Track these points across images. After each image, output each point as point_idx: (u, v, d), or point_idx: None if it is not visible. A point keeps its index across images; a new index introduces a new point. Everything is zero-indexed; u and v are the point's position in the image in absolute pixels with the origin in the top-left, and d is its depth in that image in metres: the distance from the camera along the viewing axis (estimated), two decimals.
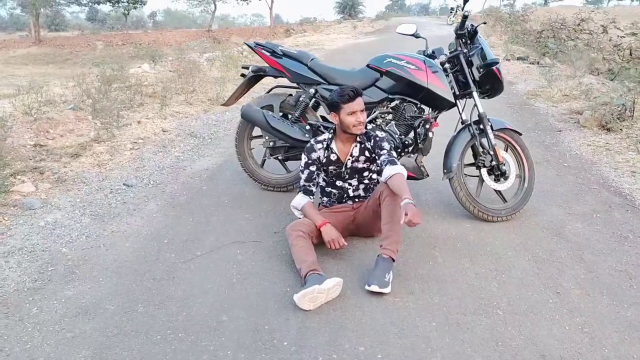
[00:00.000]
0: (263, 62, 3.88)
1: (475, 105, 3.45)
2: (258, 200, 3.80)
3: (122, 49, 25.53)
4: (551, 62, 11.11)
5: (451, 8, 27.91)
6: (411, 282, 2.71)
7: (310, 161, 3.03)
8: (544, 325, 2.36)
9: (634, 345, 2.24)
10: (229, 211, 3.61)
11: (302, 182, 3.06)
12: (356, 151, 3.03)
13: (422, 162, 3.54)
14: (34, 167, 4.17)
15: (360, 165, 3.06)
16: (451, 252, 3.04)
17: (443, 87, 3.40)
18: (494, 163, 3.45)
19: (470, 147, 3.52)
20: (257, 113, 3.62)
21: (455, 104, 3.51)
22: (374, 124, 3.52)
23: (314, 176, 3.06)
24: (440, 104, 3.50)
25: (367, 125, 3.31)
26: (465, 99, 3.58)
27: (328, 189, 3.16)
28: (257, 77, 3.92)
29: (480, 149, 3.47)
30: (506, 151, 3.58)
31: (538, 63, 11.41)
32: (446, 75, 3.48)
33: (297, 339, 2.24)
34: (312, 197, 3.07)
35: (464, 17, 3.40)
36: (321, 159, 3.04)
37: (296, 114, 3.72)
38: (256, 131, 3.94)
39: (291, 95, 3.84)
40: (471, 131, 3.46)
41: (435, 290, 2.64)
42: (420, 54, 3.59)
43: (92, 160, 4.54)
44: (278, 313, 2.43)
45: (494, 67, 3.39)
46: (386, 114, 3.56)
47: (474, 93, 3.44)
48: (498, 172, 3.47)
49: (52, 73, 18.55)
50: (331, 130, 3.08)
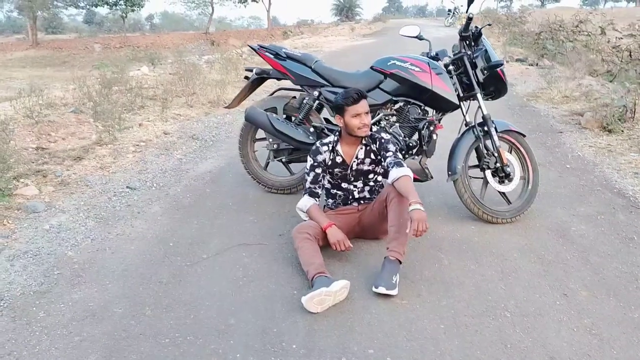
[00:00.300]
0: (265, 64, 3.88)
1: (479, 107, 3.45)
2: (262, 202, 3.80)
3: (120, 52, 25.42)
4: (550, 64, 11.12)
5: (449, 10, 27.94)
6: (418, 285, 2.71)
7: (315, 163, 3.03)
8: (552, 327, 2.36)
9: None
10: (233, 214, 3.60)
11: (308, 185, 3.06)
12: (361, 153, 3.03)
13: (426, 164, 3.54)
14: (37, 170, 4.16)
15: (365, 167, 3.06)
16: (457, 254, 3.04)
17: (447, 89, 3.41)
18: (498, 165, 3.44)
19: (474, 149, 3.52)
20: (261, 115, 3.62)
21: (459, 106, 3.51)
22: (379, 126, 3.52)
23: (320, 178, 3.06)
24: (444, 106, 3.50)
25: (372, 127, 3.31)
26: (469, 101, 3.59)
27: (333, 191, 3.16)
28: (261, 80, 3.91)
29: (484, 151, 3.48)
30: (510, 153, 3.58)
31: (537, 64, 11.42)
32: (450, 77, 3.48)
33: (306, 342, 2.24)
34: (318, 200, 3.07)
35: (469, 19, 3.40)
36: (327, 162, 3.04)
37: (300, 117, 3.72)
38: (260, 134, 3.94)
39: (294, 97, 3.84)
40: (475, 133, 3.46)
41: (442, 292, 2.64)
42: (424, 56, 3.60)
43: (95, 163, 4.54)
44: (286, 316, 2.43)
45: (498, 69, 3.39)
46: (390, 116, 3.56)
47: (478, 95, 3.44)
48: (502, 174, 3.47)
49: (50, 76, 18.50)
50: (337, 132, 3.08)
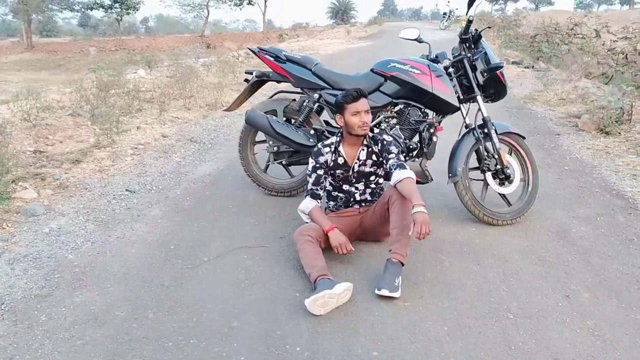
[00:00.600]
0: (263, 67, 3.88)
1: (479, 109, 3.46)
2: (262, 205, 3.79)
3: (115, 55, 25.39)
4: (546, 66, 11.18)
5: (444, 13, 28.06)
6: (420, 286, 2.71)
7: (317, 165, 3.03)
8: (555, 328, 2.37)
9: None
10: (234, 216, 3.59)
11: (310, 186, 3.05)
12: (363, 155, 3.03)
13: (427, 166, 3.55)
14: (35, 174, 4.14)
15: (367, 169, 3.06)
16: (458, 256, 3.04)
17: (448, 92, 3.41)
18: (499, 167, 3.45)
19: (474, 151, 3.53)
20: (262, 118, 3.62)
21: (459, 108, 3.51)
22: (380, 129, 3.52)
23: (322, 180, 3.05)
24: (444, 108, 3.51)
25: (374, 129, 3.31)
26: (469, 103, 3.59)
27: (335, 193, 3.16)
28: (260, 82, 3.91)
29: (484, 153, 3.48)
30: (510, 155, 3.59)
31: (533, 67, 11.48)
32: (450, 79, 3.48)
33: (310, 345, 2.23)
34: (320, 201, 3.07)
35: (469, 22, 3.41)
36: (328, 163, 3.04)
37: (300, 119, 3.71)
38: (259, 136, 3.93)
39: (294, 100, 3.84)
40: (475, 135, 3.46)
41: (444, 294, 2.64)
42: (424, 59, 3.60)
43: (94, 166, 4.52)
44: (289, 318, 2.42)
45: (498, 71, 3.40)
46: (390, 119, 3.57)
47: (478, 97, 3.44)
48: (502, 176, 3.48)
49: (46, 79, 18.45)
50: (338, 133, 3.08)
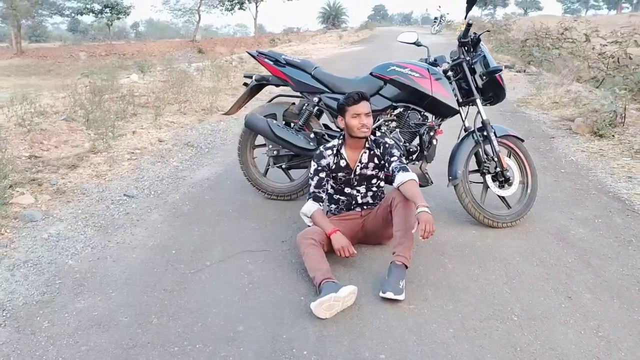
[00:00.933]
0: (261, 71, 3.88)
1: (478, 112, 3.48)
2: (262, 209, 3.78)
3: (106, 60, 25.23)
4: (537, 70, 11.27)
5: (435, 18, 28.24)
6: (423, 289, 2.71)
7: (320, 168, 3.03)
8: (559, 329, 2.38)
9: None
10: (234, 221, 3.58)
11: (312, 189, 3.05)
12: (365, 158, 3.03)
13: (427, 169, 3.56)
14: (32, 179, 4.11)
15: (369, 172, 3.06)
16: (460, 259, 3.05)
17: (447, 95, 3.43)
18: (498, 169, 3.47)
19: (473, 154, 3.54)
20: (261, 122, 3.62)
21: (458, 111, 3.53)
22: (380, 132, 3.53)
23: (324, 183, 3.05)
24: (444, 112, 3.52)
25: (376, 132, 3.32)
26: (468, 107, 3.61)
27: (336, 196, 3.16)
28: (259, 86, 3.91)
29: (484, 156, 3.50)
30: (509, 157, 3.61)
31: (524, 71, 11.58)
32: (449, 82, 3.50)
33: (317, 348, 2.23)
34: (322, 204, 3.06)
35: (468, 25, 3.43)
36: (331, 165, 3.04)
37: (300, 123, 3.71)
38: (259, 140, 3.93)
39: (294, 104, 3.84)
40: (475, 138, 3.48)
41: (448, 296, 2.64)
42: (422, 62, 3.62)
43: (90, 171, 4.49)
44: (294, 322, 2.41)
45: (497, 75, 3.42)
46: (390, 122, 3.58)
47: (478, 100, 3.46)
48: (502, 179, 3.49)
49: (36, 84, 18.29)
50: (340, 136, 3.08)
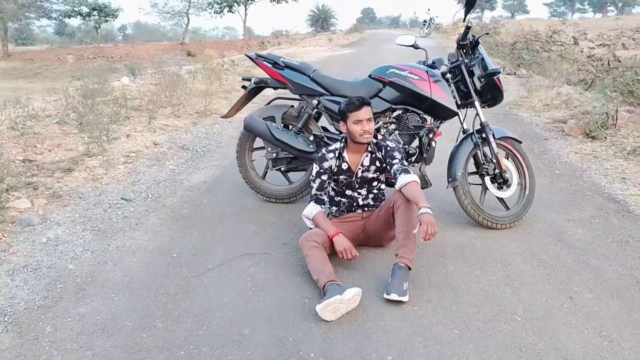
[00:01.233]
0: (257, 73, 3.88)
1: (477, 114, 3.51)
2: (262, 212, 3.77)
3: (94, 63, 25.04)
4: (527, 73, 11.36)
5: (424, 21, 28.40)
6: (427, 291, 2.72)
7: (322, 170, 3.03)
8: (563, 329, 2.40)
9: None
10: (234, 224, 3.57)
11: (314, 191, 3.05)
12: (367, 161, 3.04)
13: (426, 171, 3.58)
14: (27, 183, 4.06)
15: (370, 175, 3.07)
16: (461, 260, 3.06)
17: (446, 97, 3.45)
18: (497, 171, 3.49)
19: (472, 156, 3.56)
20: (260, 124, 3.61)
21: (457, 114, 3.55)
22: (380, 134, 3.54)
23: (326, 185, 3.05)
24: (443, 114, 3.54)
25: (377, 135, 3.33)
26: (466, 109, 3.64)
27: (337, 199, 3.16)
28: (258, 89, 3.91)
29: (482, 158, 3.52)
30: (507, 159, 3.64)
31: (515, 74, 11.66)
32: (448, 85, 3.53)
33: (324, 350, 2.23)
34: (324, 207, 3.07)
35: (467, 28, 3.46)
36: (332, 168, 3.04)
37: (299, 125, 3.71)
38: (257, 143, 3.92)
39: (292, 106, 3.84)
40: (474, 140, 3.50)
41: (451, 297, 2.66)
42: (420, 64, 3.64)
43: (86, 174, 4.45)
44: (300, 324, 2.41)
45: (495, 77, 3.45)
46: (389, 124, 3.59)
47: (476, 102, 3.49)
48: (501, 180, 3.52)
49: (24, 87, 18.07)
50: (343, 139, 3.09)
